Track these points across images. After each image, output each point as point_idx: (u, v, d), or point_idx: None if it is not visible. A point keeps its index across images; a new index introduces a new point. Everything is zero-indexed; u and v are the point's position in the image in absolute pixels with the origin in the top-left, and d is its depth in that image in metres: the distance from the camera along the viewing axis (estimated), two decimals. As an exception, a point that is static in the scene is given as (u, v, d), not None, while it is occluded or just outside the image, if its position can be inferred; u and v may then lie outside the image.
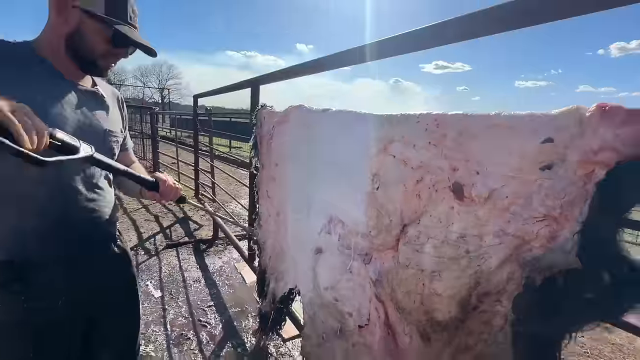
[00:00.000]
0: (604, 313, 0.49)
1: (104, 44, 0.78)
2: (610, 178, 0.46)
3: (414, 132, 0.77)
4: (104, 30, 0.77)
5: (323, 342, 1.11)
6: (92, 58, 0.80)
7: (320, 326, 1.12)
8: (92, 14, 0.75)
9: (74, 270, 0.82)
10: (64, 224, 0.79)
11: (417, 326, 0.74)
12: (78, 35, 0.76)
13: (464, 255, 0.65)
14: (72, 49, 0.78)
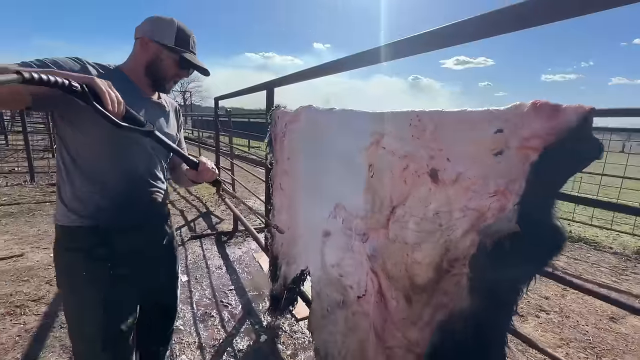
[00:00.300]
0: (536, 266, 0.61)
1: (174, 68, 1.01)
2: (540, 160, 0.58)
3: (401, 127, 0.90)
4: (174, 57, 1.00)
5: (327, 314, 1.26)
6: (164, 79, 1.03)
7: (326, 300, 1.27)
8: (166, 46, 0.98)
9: (139, 238, 1.02)
10: (133, 200, 0.99)
11: (402, 291, 0.88)
12: (155, 62, 1.00)
13: (438, 228, 0.78)
14: (150, 73, 1.01)
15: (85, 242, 0.93)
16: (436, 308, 0.80)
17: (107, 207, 0.95)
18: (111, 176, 0.95)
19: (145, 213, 1.04)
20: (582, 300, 2.25)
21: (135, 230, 1.01)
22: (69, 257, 0.94)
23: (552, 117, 0.57)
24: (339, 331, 1.19)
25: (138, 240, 1.02)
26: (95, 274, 0.94)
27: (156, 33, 0.98)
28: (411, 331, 0.86)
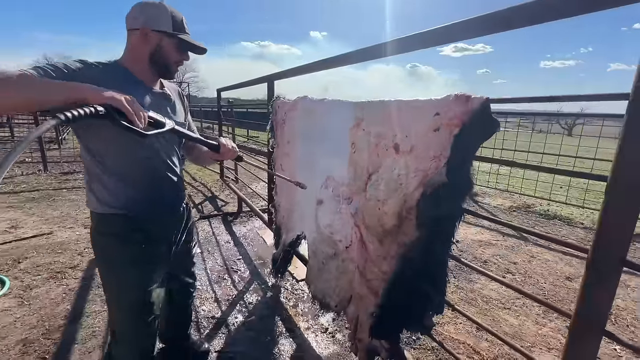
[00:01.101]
0: (457, 204, 0.90)
1: (176, 53, 1.04)
2: (459, 133, 0.87)
3: (374, 112, 1.18)
4: (175, 42, 1.03)
5: (322, 266, 1.56)
6: (169, 65, 1.05)
7: (321, 255, 1.57)
8: (166, 33, 1.00)
9: (166, 222, 1.14)
10: (157, 188, 1.08)
11: (376, 236, 1.17)
12: (158, 51, 1.02)
13: (399, 187, 1.06)
14: (154, 62, 1.03)
15: (118, 228, 1.02)
16: (399, 245, 1.10)
17: (136, 198, 1.03)
18: (135, 171, 1.02)
19: (168, 198, 1.13)
20: (546, 265, 2.57)
21: (162, 214, 1.12)
22: (105, 241, 1.04)
23: (465, 104, 0.85)
24: (333, 277, 1.49)
25: (167, 226, 1.14)
26: (129, 254, 1.04)
27: (154, 22, 0.99)
28: (383, 264, 1.16)
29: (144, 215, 1.05)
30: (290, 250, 1.91)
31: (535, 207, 4.18)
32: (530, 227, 3.52)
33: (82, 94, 0.77)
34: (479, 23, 0.80)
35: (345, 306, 1.40)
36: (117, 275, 1.06)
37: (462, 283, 2.24)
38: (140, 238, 1.04)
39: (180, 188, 1.19)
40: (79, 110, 0.70)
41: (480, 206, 4.27)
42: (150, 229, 1.07)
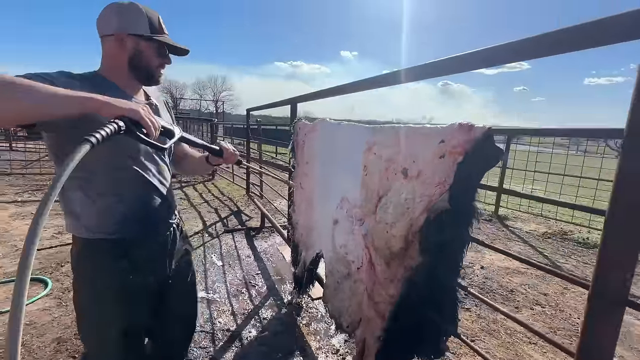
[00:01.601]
0: (461, 231, 0.90)
1: (156, 56, 0.96)
2: (463, 161, 0.88)
3: (385, 137, 1.22)
4: (154, 45, 0.94)
5: (338, 285, 1.57)
6: (151, 70, 0.97)
7: (337, 274, 1.59)
8: (143, 36, 0.92)
9: (156, 245, 1.03)
10: (149, 209, 0.99)
11: (384, 258, 1.19)
12: (137, 57, 0.93)
13: (406, 211, 1.08)
14: (134, 68, 0.94)
15: (105, 254, 0.92)
16: (406, 268, 1.10)
17: (126, 218, 0.93)
18: (125, 188, 0.93)
19: (158, 214, 1.02)
20: (581, 298, 2.38)
21: (153, 237, 1.02)
22: (89, 268, 0.93)
23: (468, 133, 0.87)
24: (346, 297, 1.50)
25: (157, 247, 1.03)
26: (115, 285, 0.93)
27: (129, 25, 0.91)
28: (390, 288, 1.17)
29: (136, 238, 0.96)
30: (313, 268, 1.95)
31: (573, 235, 3.90)
32: (566, 255, 3.29)
33: (95, 105, 0.68)
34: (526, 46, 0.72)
35: (356, 327, 1.40)
36: (98, 309, 0.94)
37: (484, 312, 2.14)
38: (130, 266, 0.95)
39: (172, 207, 1.10)
40: (106, 130, 0.62)
41: (511, 231, 4.06)
42: (139, 252, 0.97)
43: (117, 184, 0.92)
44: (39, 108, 0.64)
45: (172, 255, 1.11)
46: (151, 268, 1.02)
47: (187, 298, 1.25)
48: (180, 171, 1.26)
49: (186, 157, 1.25)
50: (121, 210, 0.93)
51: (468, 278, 2.62)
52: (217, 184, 6.06)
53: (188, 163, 1.25)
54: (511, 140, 4.57)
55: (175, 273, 1.13)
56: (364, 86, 1.52)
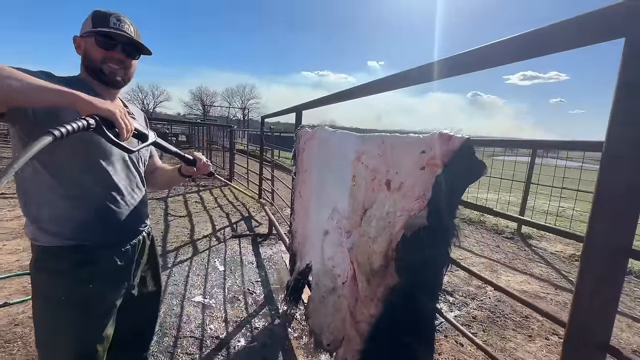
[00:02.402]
0: (440, 251, 0.82)
1: (96, 49, 0.91)
2: (441, 173, 0.81)
3: (373, 147, 1.16)
4: (93, 39, 0.91)
5: (323, 299, 1.51)
6: (96, 66, 0.92)
7: (322, 288, 1.52)
8: (86, 34, 0.91)
9: (123, 253, 0.98)
10: (114, 215, 0.95)
11: (365, 275, 1.11)
12: (85, 55, 0.94)
13: (387, 225, 1.01)
14: (88, 69, 0.94)
15: (65, 263, 0.88)
16: (385, 287, 1.03)
17: (89, 223, 0.90)
18: (93, 190, 0.90)
19: (127, 226, 0.99)
20: (606, 331, 2.15)
21: (118, 245, 0.97)
22: (48, 279, 0.88)
23: (447, 143, 0.80)
24: (329, 313, 1.43)
25: (122, 256, 0.98)
26: (74, 299, 0.88)
27: (81, 29, 0.94)
28: (370, 306, 1.09)
29: (99, 246, 0.92)
30: (300, 279, 1.89)
31: (605, 259, 3.56)
32: (594, 281, 2.99)
33: (71, 100, 0.69)
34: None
35: (338, 347, 1.32)
36: (57, 323, 0.89)
37: (492, 339, 1.97)
38: (92, 276, 0.90)
39: (142, 215, 1.07)
40: (73, 125, 0.62)
41: (534, 251, 3.78)
42: (106, 264, 0.94)
43: (81, 186, 0.89)
44: (17, 93, 0.65)
45: (139, 265, 1.08)
46: (115, 278, 0.98)
47: (148, 311, 1.23)
48: (150, 186, 1.21)
49: (156, 171, 1.23)
50: (82, 213, 0.89)
51: (478, 300, 2.44)
52: (233, 189, 6.16)
53: (158, 176, 1.23)
54: (536, 153, 4.29)
55: (140, 285, 1.11)
56: (372, 89, 1.44)
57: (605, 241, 0.47)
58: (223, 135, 9.25)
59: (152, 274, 1.19)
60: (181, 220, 3.94)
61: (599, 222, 0.48)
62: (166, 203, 4.66)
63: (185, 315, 1.99)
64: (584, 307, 0.50)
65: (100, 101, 0.72)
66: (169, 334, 1.80)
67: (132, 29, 0.97)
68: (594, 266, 0.49)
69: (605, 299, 0.48)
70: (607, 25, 0.46)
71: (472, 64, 0.79)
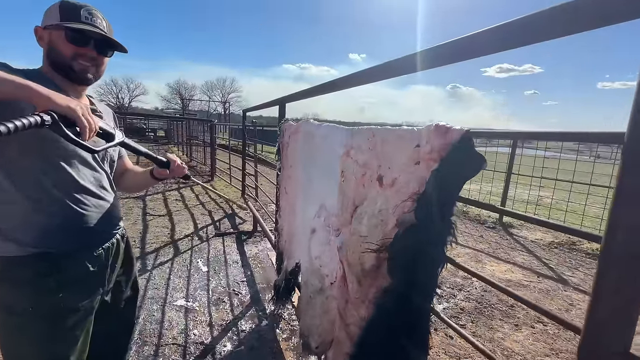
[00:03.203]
0: (436, 252, 0.77)
1: (66, 45, 0.85)
2: (438, 168, 0.76)
3: (362, 140, 1.10)
4: (62, 34, 0.84)
5: (311, 299, 1.45)
6: (66, 62, 0.86)
7: (310, 287, 1.46)
8: (52, 25, 0.84)
9: (92, 259, 0.91)
10: (82, 217, 0.88)
11: (356, 275, 1.06)
12: (50, 49, 0.86)
13: (380, 222, 0.96)
14: (53, 64, 0.87)
15: (30, 271, 0.81)
16: (377, 289, 0.98)
17: (52, 229, 0.83)
18: (52, 192, 0.83)
19: (97, 230, 0.92)
20: (587, 316, 2.21)
21: (89, 250, 0.91)
22: (12, 290, 0.81)
23: (444, 136, 0.74)
24: (317, 314, 1.38)
25: (94, 261, 0.92)
26: (44, 307, 0.82)
27: (44, 19, 0.87)
28: (361, 308, 1.04)
29: (62, 250, 0.85)
30: (291, 279, 1.83)
31: (581, 245, 3.70)
32: (573, 267, 3.10)
33: (27, 93, 0.65)
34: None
35: (326, 350, 1.28)
36: (24, 333, 0.82)
37: (480, 330, 1.98)
38: (58, 285, 0.84)
39: (113, 218, 1.00)
40: (24, 121, 0.58)
41: (516, 240, 3.87)
42: (74, 271, 0.87)
43: (40, 188, 0.81)
44: None
45: (114, 270, 1.02)
46: (87, 285, 0.91)
47: (124, 318, 1.16)
48: (120, 189, 1.14)
49: (126, 173, 1.15)
50: (44, 218, 0.82)
51: (465, 290, 2.46)
52: (216, 185, 5.99)
53: (129, 178, 1.16)
54: (517, 144, 4.38)
55: (114, 291, 1.04)
56: (356, 81, 1.37)
57: (627, 242, 0.43)
58: (203, 130, 8.98)
59: (127, 279, 1.12)
60: (161, 219, 3.77)
61: (620, 223, 0.44)
62: (144, 202, 4.46)
63: (167, 320, 1.89)
64: (603, 312, 0.46)
65: (60, 96, 0.67)
66: (149, 342, 1.70)
67: (104, 24, 0.91)
68: (613, 269, 0.45)
69: (626, 303, 0.44)
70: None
71: (462, 53, 0.75)
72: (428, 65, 0.85)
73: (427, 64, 0.85)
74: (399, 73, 1.02)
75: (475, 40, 0.66)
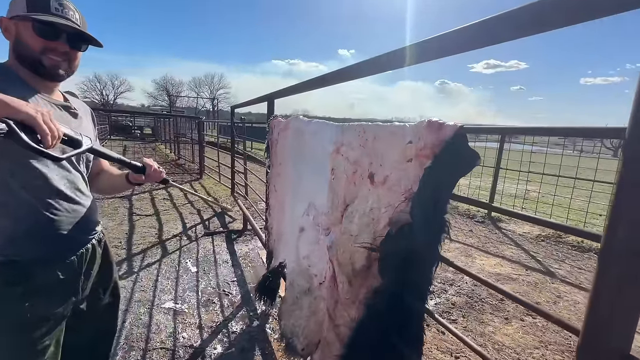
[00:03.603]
0: (429, 251, 0.76)
1: (34, 38, 0.79)
2: (431, 165, 0.74)
3: (353, 137, 1.07)
4: (30, 26, 0.79)
5: (297, 300, 1.42)
6: (34, 57, 0.80)
7: (297, 288, 1.43)
8: (18, 17, 0.79)
9: (65, 266, 0.87)
10: (54, 223, 0.83)
11: (346, 275, 1.04)
12: (17, 42, 0.80)
13: (371, 221, 0.93)
14: (20, 58, 0.81)
15: None
16: (368, 289, 0.96)
17: (20, 235, 0.78)
18: (19, 195, 0.77)
19: (69, 236, 0.87)
20: (574, 308, 2.25)
21: (60, 258, 0.86)
22: None
23: (437, 132, 0.72)
24: (303, 316, 1.35)
25: (65, 269, 0.87)
26: (11, 316, 0.78)
27: (10, 9, 0.81)
28: (351, 309, 1.02)
29: (31, 257, 0.79)
30: (270, 277, 1.79)
31: (567, 237, 3.77)
32: (559, 260, 3.16)
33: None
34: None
35: (313, 351, 1.25)
36: None
37: (471, 324, 2.00)
38: (28, 293, 0.79)
39: (89, 222, 0.95)
40: None
41: (504, 234, 3.93)
42: (40, 276, 0.81)
43: (6, 190, 0.76)
44: None
45: (89, 277, 0.97)
46: (58, 294, 0.86)
47: (103, 327, 1.10)
48: (95, 190, 1.08)
49: (102, 173, 1.10)
50: (10, 224, 0.77)
51: (456, 285, 2.48)
52: (205, 183, 5.89)
53: (104, 180, 1.10)
54: (504, 139, 4.43)
55: (91, 298, 0.99)
56: (346, 76, 1.33)
57: (628, 239, 0.42)
58: (191, 127, 8.81)
59: (105, 285, 1.07)
60: (148, 219, 3.68)
61: (621, 218, 0.42)
62: (130, 201, 4.35)
63: (155, 324, 1.84)
64: (603, 312, 0.45)
65: (18, 102, 0.62)
66: (136, 347, 1.65)
67: (77, 16, 0.86)
68: (614, 268, 0.43)
69: (627, 303, 0.43)
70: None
71: (449, 48, 0.72)
72: (416, 60, 0.84)
73: (415, 58, 0.83)
74: (388, 68, 1.00)
75: (461, 34, 0.65)
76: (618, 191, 0.42)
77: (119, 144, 11.81)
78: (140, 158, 1.03)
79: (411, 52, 0.83)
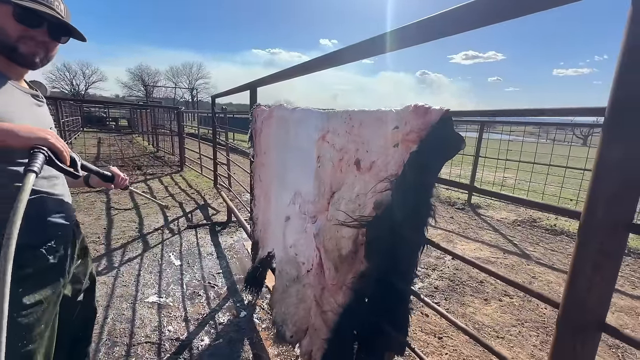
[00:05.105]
0: (415, 234, 0.77)
1: (12, 24, 0.76)
2: (417, 150, 0.74)
3: (339, 124, 1.06)
4: (10, 10, 0.75)
5: (286, 288, 1.43)
6: (10, 43, 0.77)
7: (285, 277, 1.44)
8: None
9: (50, 252, 0.87)
10: (41, 210, 0.84)
11: (333, 261, 1.04)
12: None
13: (357, 208, 0.94)
14: None
15: None
16: (354, 274, 0.97)
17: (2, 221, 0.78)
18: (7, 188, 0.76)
19: (55, 219, 0.88)
20: (548, 287, 2.38)
21: (47, 242, 0.87)
22: None
23: (424, 116, 0.73)
24: (293, 303, 1.36)
25: (52, 254, 0.88)
26: None
27: None
28: (338, 295, 1.03)
29: (21, 242, 0.75)
30: (259, 267, 1.79)
31: (541, 222, 3.96)
32: (534, 243, 3.31)
33: (2, 137, 0.63)
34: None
35: (301, 338, 1.27)
36: None
37: (453, 306, 2.07)
38: (15, 278, 0.73)
39: (68, 203, 0.95)
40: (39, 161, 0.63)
41: (483, 220, 4.07)
42: (30, 260, 0.82)
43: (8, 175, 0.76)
44: None
45: (72, 261, 0.97)
46: (47, 279, 0.86)
47: (84, 310, 1.11)
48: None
49: None
50: None
51: (439, 270, 2.56)
52: (186, 175, 5.75)
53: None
54: (483, 129, 4.55)
55: (73, 282, 1.00)
56: (328, 63, 1.31)
57: (605, 215, 0.44)
58: (170, 118, 8.53)
59: (85, 269, 1.09)
60: (127, 213, 3.57)
61: (599, 196, 0.44)
62: (107, 195, 4.19)
63: (139, 318, 1.80)
64: (581, 284, 0.47)
65: (30, 131, 0.65)
66: (119, 342, 1.61)
67: (62, 7, 0.84)
68: (593, 242, 0.45)
69: (604, 276, 0.45)
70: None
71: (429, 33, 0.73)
72: (398, 46, 0.84)
73: (396, 44, 0.83)
74: (370, 54, 1.01)
75: (440, 19, 0.66)
76: (597, 168, 0.44)
77: (92, 136, 11.28)
78: (108, 167, 1.09)
79: (392, 38, 0.83)
